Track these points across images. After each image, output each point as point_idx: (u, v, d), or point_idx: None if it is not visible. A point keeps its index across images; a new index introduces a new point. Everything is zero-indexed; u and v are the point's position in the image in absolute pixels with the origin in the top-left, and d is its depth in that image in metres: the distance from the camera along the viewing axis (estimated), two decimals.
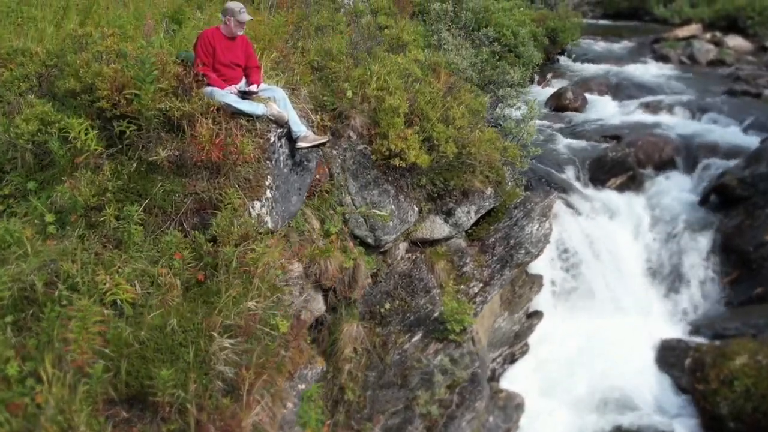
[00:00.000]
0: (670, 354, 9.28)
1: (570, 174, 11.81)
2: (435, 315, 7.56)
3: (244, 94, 6.22)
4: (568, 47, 18.25)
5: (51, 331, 4.96)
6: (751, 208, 10.56)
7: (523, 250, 8.10)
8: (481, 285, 7.91)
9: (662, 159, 12.34)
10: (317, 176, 7.30)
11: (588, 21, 20.97)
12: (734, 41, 19.07)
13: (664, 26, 21.99)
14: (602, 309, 10.14)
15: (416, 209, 7.92)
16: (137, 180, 5.87)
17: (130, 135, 5.89)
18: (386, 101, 7.63)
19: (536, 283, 9.00)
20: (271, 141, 6.26)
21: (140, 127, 5.91)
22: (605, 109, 14.72)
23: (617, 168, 11.90)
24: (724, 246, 10.58)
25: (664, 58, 18.01)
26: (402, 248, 8.16)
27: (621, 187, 11.75)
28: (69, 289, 5.23)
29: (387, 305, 7.71)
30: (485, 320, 8.29)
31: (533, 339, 9.30)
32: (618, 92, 15.65)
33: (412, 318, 7.60)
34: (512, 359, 9.04)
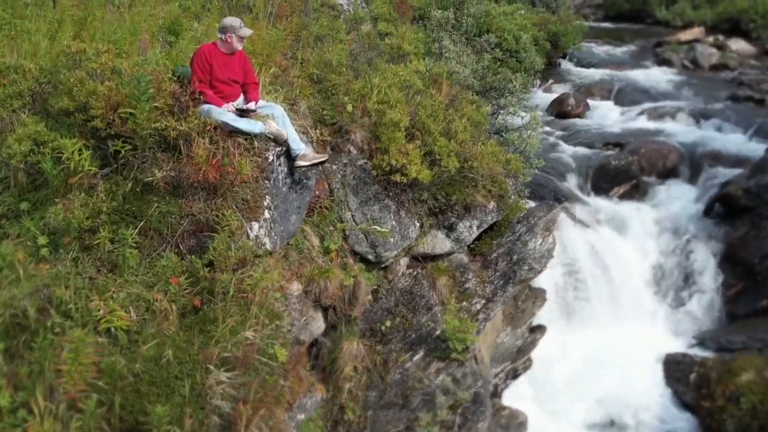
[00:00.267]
0: (675, 368, 9.16)
1: (573, 183, 11.68)
2: (437, 333, 7.44)
3: (242, 112, 6.07)
4: (570, 51, 18.10)
5: (43, 361, 4.83)
6: (757, 219, 10.42)
7: (527, 266, 7.97)
8: (484, 302, 7.78)
9: (666, 167, 12.22)
10: (317, 192, 7.16)
11: (589, 23, 20.77)
12: (737, 45, 18.90)
13: (666, 29, 21.80)
14: (605, 321, 10.03)
15: (417, 225, 7.79)
16: (132, 201, 5.73)
17: (125, 155, 5.75)
18: (387, 115, 7.49)
19: (539, 298, 8.86)
20: (270, 160, 6.12)
21: (135, 147, 5.77)
22: (608, 116, 14.57)
23: (621, 177, 11.78)
24: (729, 257, 10.45)
25: (667, 62, 17.84)
26: (403, 264, 8.03)
27: (624, 196, 11.64)
28: (62, 316, 5.10)
29: (388, 323, 7.58)
30: (487, 336, 8.16)
31: (536, 353, 9.18)
32: (620, 98, 15.51)
33: (414, 336, 7.47)
34: (515, 374, 8.92)
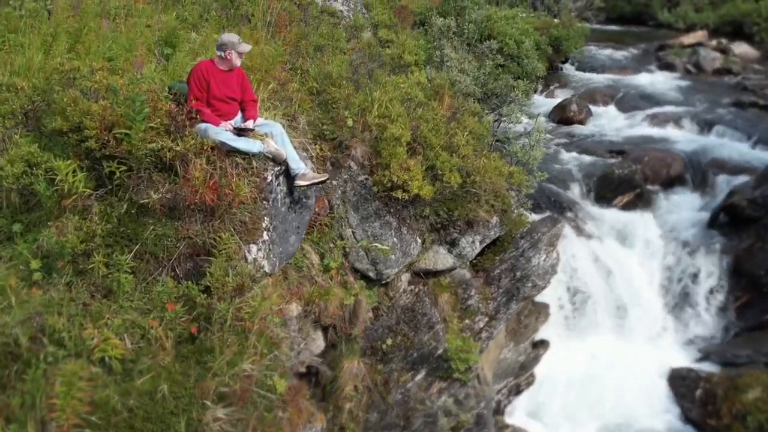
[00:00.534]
0: (681, 384, 9.04)
1: (575, 192, 11.53)
2: (439, 352, 7.31)
3: (240, 131, 5.92)
4: (572, 55, 17.93)
5: (36, 392, 4.71)
6: (762, 231, 10.28)
7: (530, 283, 7.83)
8: (487, 319, 7.65)
9: (670, 175, 12.06)
10: (316, 209, 7.02)
11: (591, 26, 20.57)
12: (740, 48, 18.73)
13: (669, 31, 21.65)
14: (609, 334, 9.92)
15: (419, 241, 7.65)
16: (127, 223, 5.59)
17: (120, 176, 5.61)
18: (388, 130, 7.35)
19: (542, 313, 8.73)
20: (269, 180, 5.98)
21: (131, 168, 5.62)
22: (610, 122, 14.41)
23: (624, 186, 11.62)
24: (734, 269, 10.32)
25: (670, 67, 17.67)
26: (404, 280, 7.89)
27: (628, 206, 11.47)
28: (55, 345, 4.97)
29: (389, 341, 7.45)
30: (490, 353, 8.02)
31: (539, 368, 9.05)
32: (623, 103, 15.34)
33: (415, 355, 7.34)
34: (518, 390, 8.79)
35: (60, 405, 4.39)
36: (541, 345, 8.99)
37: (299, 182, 6.13)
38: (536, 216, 9.68)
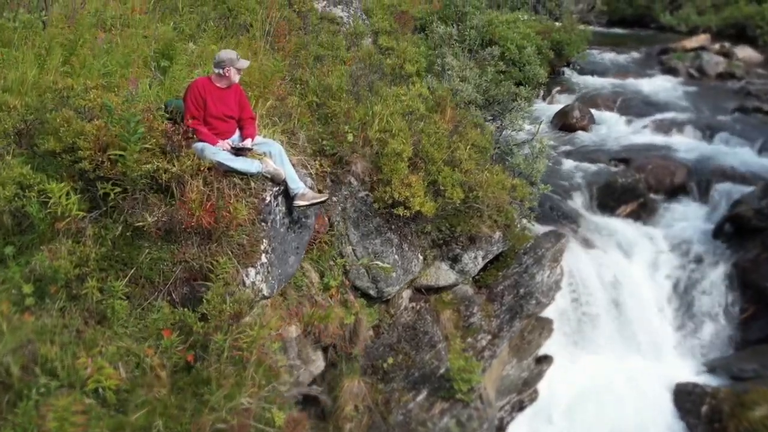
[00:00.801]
0: (686, 399, 8.89)
1: (578, 202, 11.38)
2: (441, 371, 7.18)
3: (238, 151, 5.78)
4: (574, 60, 17.77)
5: (28, 425, 4.58)
6: None
7: (534, 300, 7.70)
8: (490, 337, 7.51)
9: (674, 184, 11.91)
10: (316, 226, 6.88)
11: (593, 29, 20.39)
12: (743, 52, 18.56)
13: (671, 34, 21.46)
14: (613, 347, 9.74)
15: (421, 258, 7.52)
16: (122, 247, 5.46)
17: (115, 198, 5.47)
18: (389, 145, 7.21)
19: (546, 328, 8.59)
20: (267, 201, 5.84)
21: (125, 190, 5.49)
22: (613, 128, 14.23)
23: (627, 195, 11.49)
24: (740, 280, 10.15)
25: (672, 71, 17.48)
26: (405, 297, 7.76)
27: (631, 216, 11.33)
28: (47, 374, 4.84)
29: (390, 360, 7.32)
30: (493, 371, 7.89)
31: (542, 384, 8.90)
32: (626, 109, 15.16)
33: (417, 374, 7.21)
34: (521, 407, 8.65)
35: None
36: (545, 360, 8.85)
37: (298, 202, 5.99)
38: (540, 227, 9.53)
